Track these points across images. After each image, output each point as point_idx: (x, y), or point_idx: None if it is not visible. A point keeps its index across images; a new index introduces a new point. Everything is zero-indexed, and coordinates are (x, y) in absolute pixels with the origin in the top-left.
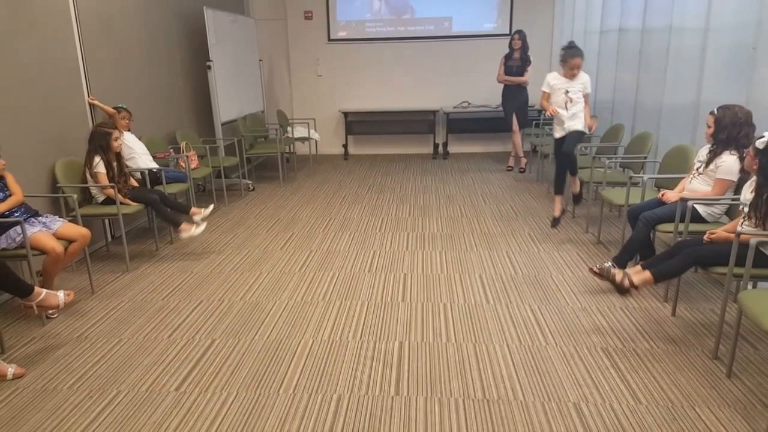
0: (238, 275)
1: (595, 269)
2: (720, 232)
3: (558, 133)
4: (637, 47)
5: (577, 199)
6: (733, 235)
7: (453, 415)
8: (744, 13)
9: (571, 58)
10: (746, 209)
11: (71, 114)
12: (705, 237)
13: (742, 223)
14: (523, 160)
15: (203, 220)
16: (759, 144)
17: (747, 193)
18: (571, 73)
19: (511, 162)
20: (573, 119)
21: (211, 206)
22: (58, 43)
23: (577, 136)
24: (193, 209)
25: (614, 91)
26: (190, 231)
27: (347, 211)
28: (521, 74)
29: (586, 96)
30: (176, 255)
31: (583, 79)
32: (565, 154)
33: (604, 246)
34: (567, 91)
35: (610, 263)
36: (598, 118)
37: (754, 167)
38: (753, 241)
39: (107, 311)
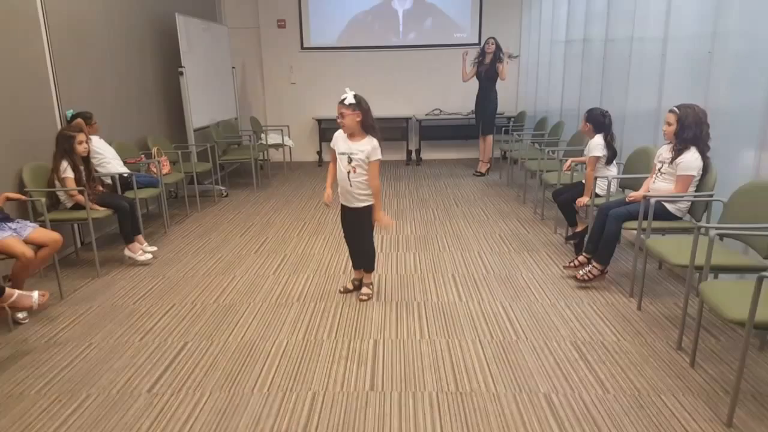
0: (211, 279)
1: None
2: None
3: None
4: (600, 56)
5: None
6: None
7: (427, 408)
8: (701, 23)
9: None
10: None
11: (39, 118)
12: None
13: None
14: (484, 165)
15: (130, 260)
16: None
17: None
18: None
19: (483, 167)
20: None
21: (150, 256)
22: (26, 46)
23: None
24: (133, 245)
25: (579, 98)
26: (136, 253)
27: (321, 216)
28: (489, 80)
29: (589, 160)
30: (138, 264)
31: (591, 142)
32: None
33: (572, 245)
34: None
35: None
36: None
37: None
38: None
39: (77, 316)
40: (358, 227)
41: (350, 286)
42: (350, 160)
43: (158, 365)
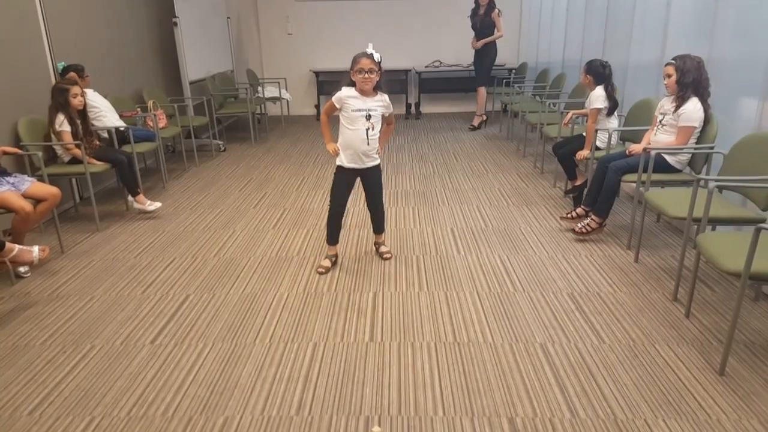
0: (211, 233)
1: (568, 219)
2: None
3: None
4: (604, 5)
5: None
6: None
7: (425, 357)
8: None
9: None
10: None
11: (33, 71)
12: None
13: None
14: (477, 118)
15: (141, 212)
16: None
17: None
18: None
19: (476, 121)
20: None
21: (159, 204)
22: None
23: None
24: (140, 196)
25: (582, 49)
26: (145, 204)
27: (320, 171)
28: (486, 29)
29: (590, 113)
30: (147, 215)
31: (592, 94)
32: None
33: (571, 199)
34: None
35: (581, 209)
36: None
37: None
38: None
39: (78, 270)
40: (377, 188)
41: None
42: (369, 117)
43: (161, 317)
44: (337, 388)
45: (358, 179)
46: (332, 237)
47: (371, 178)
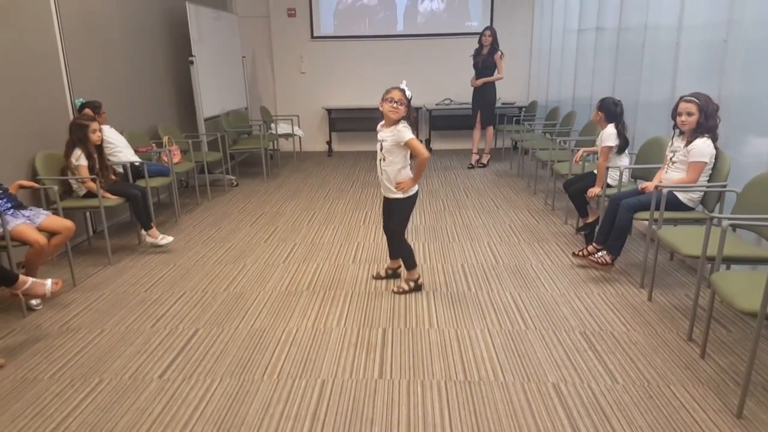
0: (221, 267)
1: (580, 257)
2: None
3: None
4: (614, 45)
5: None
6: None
7: (435, 396)
8: (715, 11)
9: None
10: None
11: (51, 107)
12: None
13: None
14: (475, 157)
15: (153, 245)
16: None
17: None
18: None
19: (473, 159)
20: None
21: (171, 238)
22: (38, 35)
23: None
24: (153, 230)
25: (592, 88)
26: (157, 237)
27: (331, 206)
28: (487, 70)
29: (601, 150)
30: (158, 248)
31: (604, 132)
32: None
33: (582, 236)
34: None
35: (593, 247)
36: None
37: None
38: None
39: (89, 303)
40: (387, 218)
41: (383, 273)
42: (381, 147)
43: (169, 351)
44: (345, 427)
45: None
46: (389, 252)
47: (387, 208)
